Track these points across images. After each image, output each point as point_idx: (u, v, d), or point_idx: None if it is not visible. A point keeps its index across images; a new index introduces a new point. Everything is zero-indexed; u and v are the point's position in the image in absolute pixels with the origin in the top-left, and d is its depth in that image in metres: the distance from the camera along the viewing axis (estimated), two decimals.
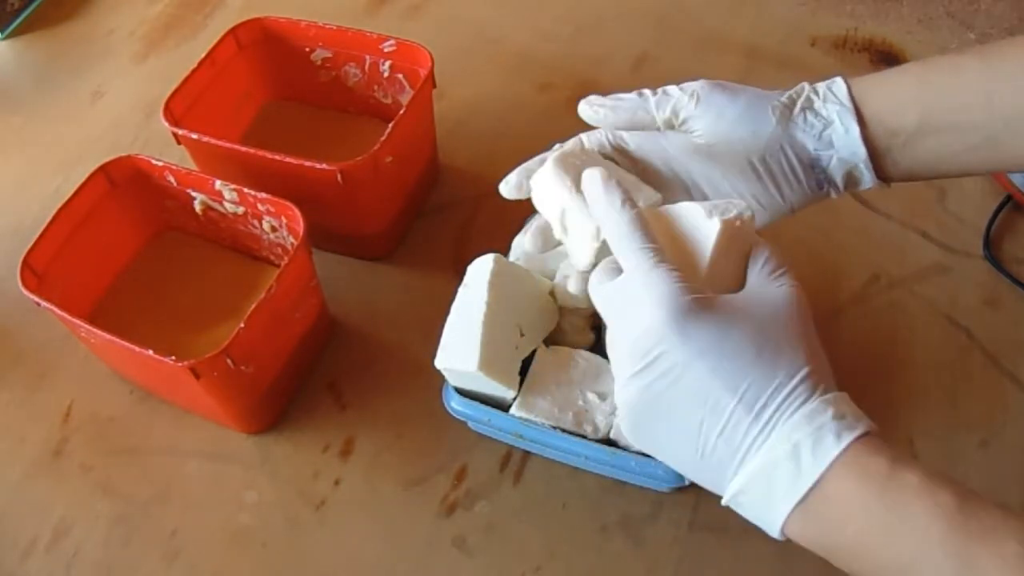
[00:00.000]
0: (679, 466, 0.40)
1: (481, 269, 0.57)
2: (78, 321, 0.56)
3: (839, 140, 0.47)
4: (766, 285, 0.42)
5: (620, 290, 0.41)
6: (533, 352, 0.58)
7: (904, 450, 0.37)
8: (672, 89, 0.50)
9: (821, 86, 0.49)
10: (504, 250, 0.61)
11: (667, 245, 0.42)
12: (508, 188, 0.52)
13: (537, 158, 0.52)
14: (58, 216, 0.62)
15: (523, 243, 0.52)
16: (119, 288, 0.69)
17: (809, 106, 0.48)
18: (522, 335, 0.57)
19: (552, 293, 0.60)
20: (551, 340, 0.60)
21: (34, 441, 0.64)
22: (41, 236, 0.61)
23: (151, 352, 0.53)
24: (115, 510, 0.61)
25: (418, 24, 0.93)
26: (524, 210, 0.65)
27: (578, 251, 0.48)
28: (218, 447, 0.64)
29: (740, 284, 0.44)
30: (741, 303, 0.40)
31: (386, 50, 0.73)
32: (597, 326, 0.63)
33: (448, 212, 0.77)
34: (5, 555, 0.59)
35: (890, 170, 0.49)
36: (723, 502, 0.39)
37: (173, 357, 0.53)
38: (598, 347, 0.63)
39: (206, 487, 0.62)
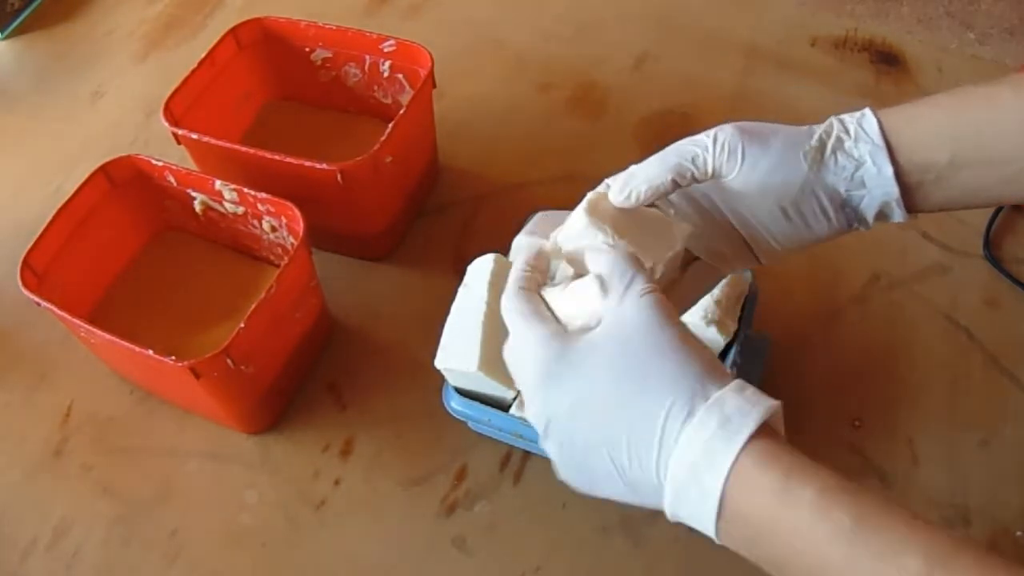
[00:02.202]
0: (619, 500, 0.40)
1: (481, 269, 0.57)
2: (78, 321, 0.56)
3: (871, 180, 0.46)
4: (620, 308, 0.40)
5: (510, 352, 0.43)
6: None
7: (799, 452, 0.36)
8: (700, 140, 0.47)
9: (851, 122, 0.47)
10: (504, 250, 0.60)
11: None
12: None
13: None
14: (58, 216, 0.62)
15: (522, 241, 0.52)
16: (119, 288, 0.69)
17: (840, 147, 0.47)
18: None
19: None
20: None
21: (34, 441, 0.64)
22: (41, 236, 0.61)
23: (151, 352, 0.53)
24: (115, 510, 0.61)
25: (418, 24, 0.93)
26: (524, 210, 0.65)
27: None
28: (218, 447, 0.64)
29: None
30: (603, 337, 0.40)
31: (386, 50, 0.73)
32: None
33: (448, 212, 0.77)
34: (5, 555, 0.59)
35: (920, 204, 0.48)
36: (671, 520, 0.39)
37: (173, 357, 0.53)
38: None
39: (206, 487, 0.62)
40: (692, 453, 0.36)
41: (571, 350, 0.40)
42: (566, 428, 0.39)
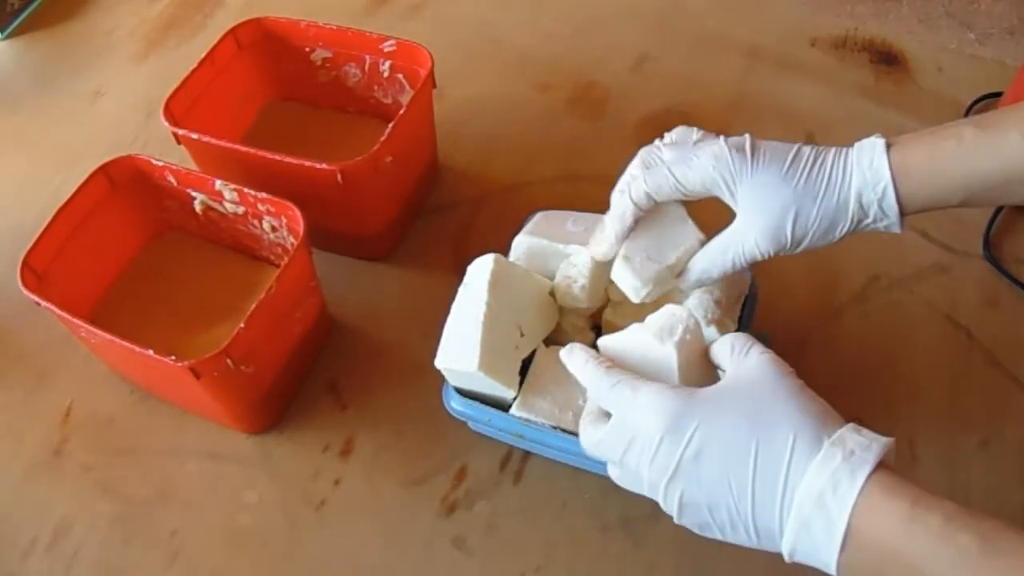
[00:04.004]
0: (741, 545, 0.42)
1: (481, 269, 0.57)
2: (78, 321, 0.56)
3: (880, 226, 0.50)
4: (740, 365, 0.44)
5: (618, 425, 0.45)
6: (533, 352, 0.58)
7: (922, 486, 0.38)
8: (749, 247, 0.50)
9: (872, 200, 0.48)
10: (504, 250, 0.61)
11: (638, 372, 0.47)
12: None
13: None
14: (58, 216, 0.62)
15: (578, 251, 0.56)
16: (119, 288, 0.69)
17: (858, 225, 0.49)
18: (522, 335, 0.57)
19: (552, 293, 0.60)
20: (551, 340, 0.60)
21: (34, 441, 0.64)
22: (41, 236, 0.61)
23: (151, 352, 0.53)
24: (115, 510, 0.61)
25: (418, 24, 0.93)
26: (524, 210, 0.65)
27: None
28: (218, 447, 0.64)
29: (711, 376, 0.48)
30: (725, 388, 0.43)
31: (386, 50, 0.73)
32: (597, 326, 0.63)
33: (448, 212, 0.77)
34: (5, 555, 0.59)
35: (919, 214, 0.51)
36: (787, 562, 0.41)
37: (173, 357, 0.53)
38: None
39: (206, 487, 0.62)
40: (819, 483, 0.38)
41: (696, 400, 0.42)
42: (692, 472, 0.41)
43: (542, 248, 0.61)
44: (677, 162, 0.50)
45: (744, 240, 0.50)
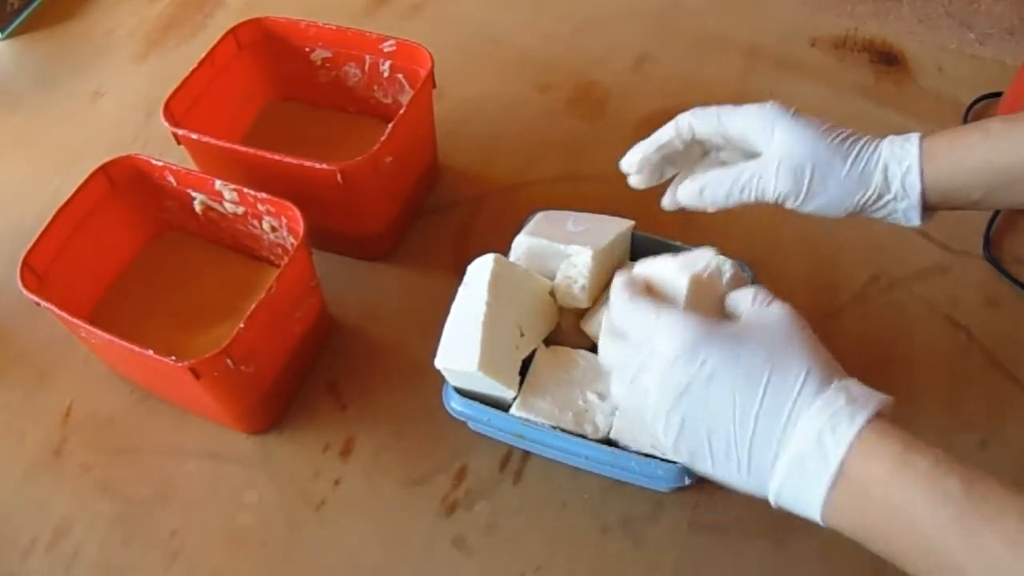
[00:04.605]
0: (728, 480, 0.43)
1: (481, 269, 0.57)
2: (78, 321, 0.56)
3: (898, 218, 0.52)
4: (760, 312, 0.45)
5: (637, 344, 0.45)
6: (533, 352, 0.58)
7: (914, 433, 0.40)
8: (767, 176, 0.52)
9: (896, 178, 0.50)
10: (504, 250, 0.61)
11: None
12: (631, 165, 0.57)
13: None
14: (58, 216, 0.62)
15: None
16: (119, 288, 0.69)
17: (879, 200, 0.51)
18: (522, 335, 0.57)
19: (552, 293, 0.60)
20: (551, 340, 0.60)
21: (34, 441, 0.64)
22: (41, 236, 0.61)
23: (151, 352, 0.53)
24: (115, 510, 0.61)
25: (418, 24, 0.93)
26: (524, 210, 0.65)
27: None
28: (218, 447, 0.64)
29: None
30: (745, 325, 0.44)
31: (386, 50, 0.73)
32: None
33: (448, 212, 0.77)
34: (5, 555, 0.59)
35: (934, 211, 0.52)
36: (773, 504, 0.41)
37: (173, 357, 0.53)
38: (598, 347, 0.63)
39: (206, 487, 0.62)
40: (819, 422, 0.39)
41: (717, 329, 0.43)
42: (701, 393, 0.42)
43: (542, 248, 0.61)
44: (725, 106, 0.54)
45: (765, 171, 0.52)
